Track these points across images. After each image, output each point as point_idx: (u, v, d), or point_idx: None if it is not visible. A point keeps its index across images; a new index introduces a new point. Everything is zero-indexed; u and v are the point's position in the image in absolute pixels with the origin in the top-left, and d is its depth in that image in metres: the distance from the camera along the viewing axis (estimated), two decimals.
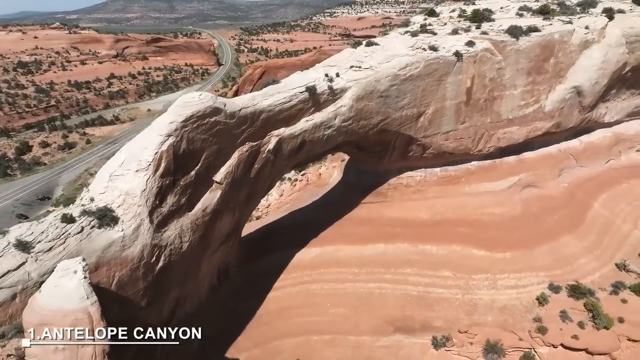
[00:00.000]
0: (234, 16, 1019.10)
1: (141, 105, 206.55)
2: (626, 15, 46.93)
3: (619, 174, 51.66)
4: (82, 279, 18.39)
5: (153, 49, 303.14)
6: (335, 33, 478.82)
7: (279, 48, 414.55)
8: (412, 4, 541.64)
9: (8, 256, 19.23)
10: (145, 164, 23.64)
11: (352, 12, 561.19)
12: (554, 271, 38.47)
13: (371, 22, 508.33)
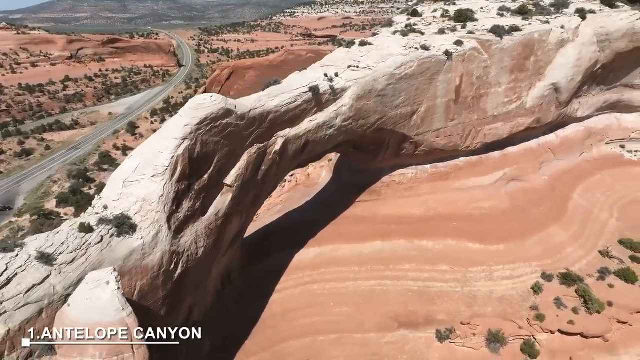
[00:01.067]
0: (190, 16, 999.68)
1: (101, 108, 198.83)
2: (597, 15, 49.56)
3: (592, 166, 54.56)
4: (116, 290, 17.65)
5: (110, 50, 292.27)
6: (297, 33, 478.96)
7: (241, 48, 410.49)
8: (372, 5, 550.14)
9: (31, 270, 18.12)
10: (162, 168, 22.88)
11: (312, 12, 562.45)
12: (545, 261, 40.13)
13: (331, 22, 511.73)
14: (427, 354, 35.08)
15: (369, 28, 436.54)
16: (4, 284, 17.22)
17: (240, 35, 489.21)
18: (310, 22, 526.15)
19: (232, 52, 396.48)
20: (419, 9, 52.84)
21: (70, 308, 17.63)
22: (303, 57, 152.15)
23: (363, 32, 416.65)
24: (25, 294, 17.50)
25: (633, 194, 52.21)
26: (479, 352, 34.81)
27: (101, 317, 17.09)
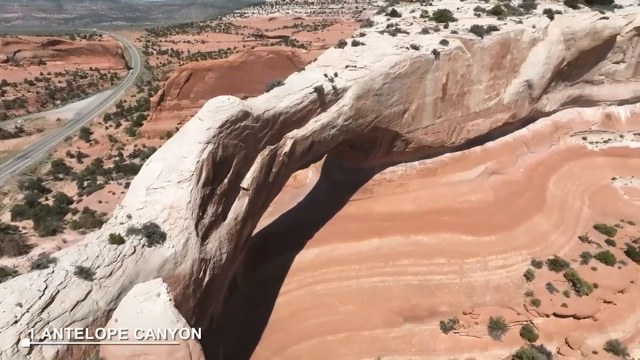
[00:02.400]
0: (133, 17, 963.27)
1: (47, 114, 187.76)
2: (563, 15, 52.65)
3: (561, 157, 57.92)
4: (168, 302, 16.99)
5: (51, 52, 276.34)
6: (248, 34, 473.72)
7: (191, 50, 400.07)
8: (322, 5, 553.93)
9: (73, 286, 16.99)
10: (188, 174, 22.14)
11: (262, 13, 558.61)
12: (533, 248, 42.24)
13: (282, 22, 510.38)
14: (433, 346, 36.06)
15: (320, 28, 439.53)
16: (48, 302, 16.06)
17: (190, 36, 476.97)
18: (261, 23, 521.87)
19: (182, 54, 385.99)
20: (397, 9, 53.89)
21: (118, 323, 16.75)
22: (264, 57, 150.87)
23: (315, 33, 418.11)
24: (70, 311, 16.42)
25: (598, 182, 56.09)
26: (482, 339, 36.18)
27: (157, 331, 16.33)
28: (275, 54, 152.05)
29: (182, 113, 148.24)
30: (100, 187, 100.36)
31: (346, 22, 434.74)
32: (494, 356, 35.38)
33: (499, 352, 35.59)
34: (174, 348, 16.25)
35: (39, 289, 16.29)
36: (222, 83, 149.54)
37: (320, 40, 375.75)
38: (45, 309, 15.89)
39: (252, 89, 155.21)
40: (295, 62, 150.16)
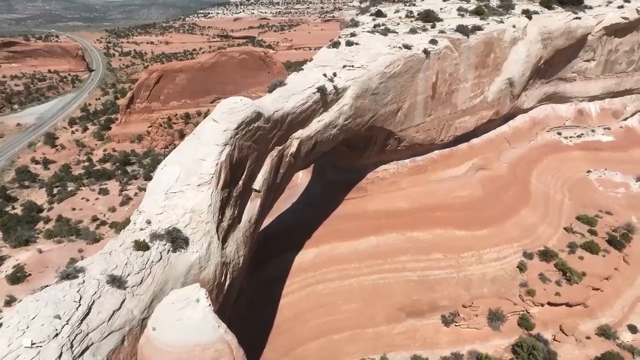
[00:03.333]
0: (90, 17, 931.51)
1: (5, 119, 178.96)
2: (540, 16, 54.64)
3: (539, 152, 60.09)
4: (207, 307, 16.66)
5: (5, 54, 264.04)
6: (213, 34, 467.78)
7: (155, 51, 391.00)
8: (287, 6, 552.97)
9: (107, 295, 16.40)
10: (208, 176, 21.74)
11: (227, 13, 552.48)
12: (523, 241, 43.68)
13: (248, 22, 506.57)
14: (436, 339, 36.81)
15: (287, 28, 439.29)
16: (86, 313, 15.47)
17: (153, 37, 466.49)
18: (226, 23, 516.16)
19: (146, 55, 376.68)
20: (382, 10, 54.53)
21: (157, 332, 16.32)
22: (236, 58, 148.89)
23: (282, 33, 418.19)
24: (108, 322, 15.88)
25: (575, 175, 58.53)
26: (482, 331, 37.22)
27: (199, 337, 16.03)
28: (248, 55, 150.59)
29: (153, 116, 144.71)
30: (72, 193, 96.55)
31: (312, 23, 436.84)
32: (495, 346, 36.44)
33: (499, 342, 36.70)
34: (218, 354, 15.95)
35: (74, 300, 15.69)
36: (194, 84, 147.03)
37: (288, 41, 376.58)
38: (84, 320, 15.34)
39: (225, 90, 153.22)
40: (268, 63, 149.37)
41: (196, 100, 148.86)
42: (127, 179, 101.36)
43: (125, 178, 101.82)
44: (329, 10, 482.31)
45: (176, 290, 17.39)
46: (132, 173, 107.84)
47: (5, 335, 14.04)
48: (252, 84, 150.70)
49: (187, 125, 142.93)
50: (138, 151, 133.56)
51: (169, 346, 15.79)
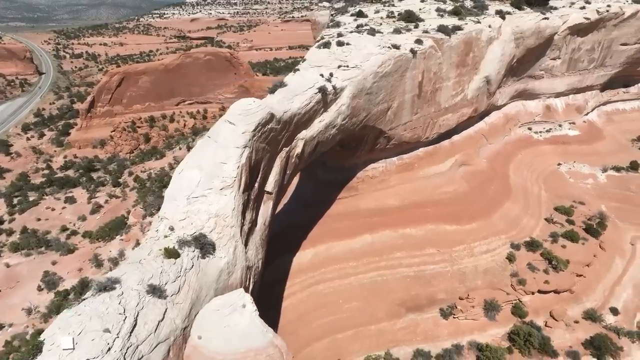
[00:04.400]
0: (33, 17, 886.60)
1: None
2: (513, 16, 56.92)
3: (513, 147, 62.52)
4: (254, 312, 16.46)
5: None
6: (170, 35, 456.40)
7: (109, 53, 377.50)
8: (245, 6, 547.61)
9: (149, 305, 15.82)
10: (230, 180, 21.37)
11: (184, 14, 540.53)
12: (510, 233, 45.36)
13: (206, 23, 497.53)
14: (437, 332, 37.65)
15: (246, 29, 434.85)
16: (133, 325, 14.90)
17: (106, 38, 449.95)
18: (183, 24, 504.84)
19: (100, 57, 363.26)
20: (364, 10, 55.14)
21: (204, 340, 15.95)
22: (201, 59, 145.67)
23: (242, 34, 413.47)
24: (154, 333, 15.36)
25: (547, 168, 61.32)
26: (480, 321, 38.40)
27: (250, 343, 15.82)
28: (213, 56, 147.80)
29: (116, 120, 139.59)
30: (34, 203, 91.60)
31: (272, 23, 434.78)
32: (492, 336, 37.67)
33: (495, 331, 37.97)
34: (270, 359, 15.75)
35: (119, 312, 15.09)
36: (158, 87, 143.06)
37: (248, 41, 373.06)
38: (132, 333, 14.76)
39: (190, 93, 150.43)
40: (235, 64, 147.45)
41: (161, 102, 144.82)
42: (94, 186, 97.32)
43: (92, 185, 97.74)
44: (288, 10, 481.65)
45: (219, 297, 17.00)
46: (98, 180, 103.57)
47: (55, 354, 13.34)
48: (218, 86, 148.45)
49: (153, 129, 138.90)
50: (102, 157, 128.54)
51: (219, 354, 15.47)
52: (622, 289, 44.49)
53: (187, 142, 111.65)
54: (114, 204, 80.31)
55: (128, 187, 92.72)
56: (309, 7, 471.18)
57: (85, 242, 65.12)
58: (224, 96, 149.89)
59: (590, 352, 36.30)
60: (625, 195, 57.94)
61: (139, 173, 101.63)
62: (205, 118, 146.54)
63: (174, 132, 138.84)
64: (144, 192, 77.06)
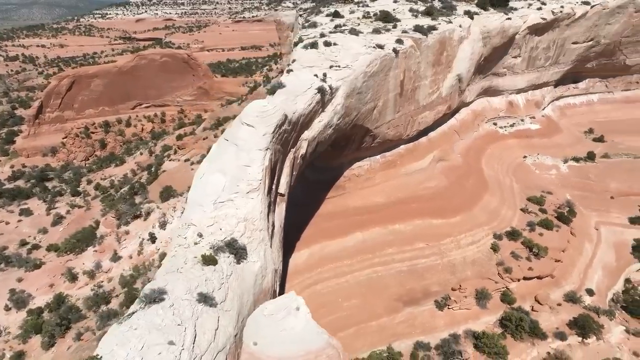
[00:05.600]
0: None
1: None
2: (480, 16, 59.37)
3: (482, 142, 65.23)
4: (308, 314, 16.40)
5: None
6: (115, 36, 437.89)
7: (48, 55, 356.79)
8: (193, 6, 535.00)
9: (203, 315, 15.36)
10: (256, 183, 21.10)
11: (128, 14, 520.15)
12: (491, 224, 47.35)
13: (152, 24, 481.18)
14: (434, 324, 38.74)
15: (196, 30, 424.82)
16: (194, 335, 14.47)
17: (44, 39, 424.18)
18: (128, 24, 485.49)
19: (38, 60, 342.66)
20: (339, 11, 55.56)
21: (261, 346, 15.74)
22: (157, 61, 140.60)
23: (192, 34, 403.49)
24: (214, 342, 14.98)
25: (514, 161, 64.49)
26: (473, 310, 39.89)
27: (309, 345, 15.76)
28: (170, 57, 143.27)
29: (67, 126, 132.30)
30: None
31: (223, 23, 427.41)
32: (485, 323, 39.24)
33: (488, 319, 39.57)
34: (331, 358, 15.76)
35: (177, 324, 14.64)
36: (112, 90, 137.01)
37: (199, 42, 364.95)
38: (194, 343, 14.33)
39: (147, 96, 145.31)
40: (193, 65, 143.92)
41: (115, 106, 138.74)
42: (50, 196, 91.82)
43: (49, 195, 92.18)
44: (239, 11, 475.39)
45: (271, 301, 16.79)
46: (54, 190, 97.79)
47: None
48: (176, 88, 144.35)
49: (108, 134, 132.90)
50: (54, 165, 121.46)
51: (279, 358, 15.28)
52: (594, 271, 47.65)
53: (149, 147, 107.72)
54: (77, 214, 76.19)
55: (89, 195, 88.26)
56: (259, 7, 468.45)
57: (52, 255, 61.32)
58: (183, 99, 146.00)
59: (575, 332, 38.60)
60: (585, 183, 61.98)
61: (99, 180, 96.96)
62: (163, 121, 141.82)
63: (131, 137, 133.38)
64: (111, 200, 73.58)
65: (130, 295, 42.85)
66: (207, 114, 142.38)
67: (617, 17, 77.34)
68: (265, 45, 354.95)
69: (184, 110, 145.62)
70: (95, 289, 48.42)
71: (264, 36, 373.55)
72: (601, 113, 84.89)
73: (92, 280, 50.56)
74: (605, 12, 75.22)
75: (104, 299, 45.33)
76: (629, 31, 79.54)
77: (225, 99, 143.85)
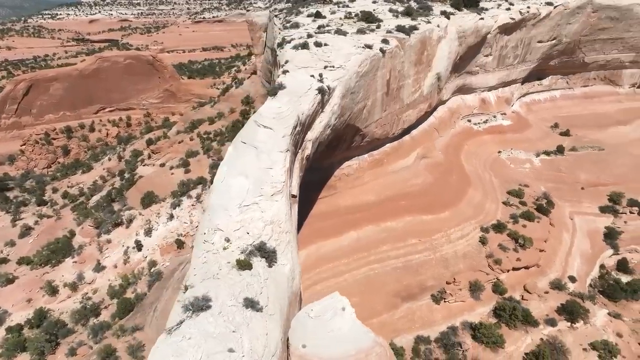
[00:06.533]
0: None
1: None
2: (456, 16, 61.03)
3: (459, 139, 67.12)
4: (353, 313, 16.50)
5: None
6: (67, 38, 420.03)
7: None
8: (150, 6, 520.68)
9: (253, 321, 15.11)
10: (280, 185, 20.96)
11: (80, 14, 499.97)
12: (478, 217, 48.83)
13: (107, 25, 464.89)
14: (432, 318, 39.64)
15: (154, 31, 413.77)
16: (251, 340, 14.26)
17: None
18: (81, 25, 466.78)
19: None
20: (320, 11, 55.66)
21: (311, 348, 15.71)
22: (121, 63, 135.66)
23: (150, 35, 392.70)
24: (266, 347, 14.81)
25: (490, 156, 66.71)
26: (467, 302, 41.09)
27: (358, 344, 15.88)
28: (134, 59, 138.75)
29: (25, 132, 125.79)
30: None
31: (183, 24, 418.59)
32: (480, 314, 40.50)
33: (482, 309, 40.86)
34: (378, 357, 15.91)
35: (231, 330, 14.38)
36: (73, 94, 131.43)
37: (159, 44, 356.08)
38: (252, 349, 14.13)
39: (110, 99, 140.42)
40: (158, 67, 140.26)
41: (77, 111, 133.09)
42: (14, 206, 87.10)
43: (12, 206, 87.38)
44: (198, 11, 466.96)
45: (314, 303, 16.74)
46: (17, 200, 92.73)
47: None
48: (141, 91, 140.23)
49: (71, 140, 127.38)
50: (13, 174, 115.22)
51: (331, 359, 15.29)
52: (573, 259, 50.05)
53: (117, 152, 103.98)
54: (47, 225, 72.59)
55: (57, 204, 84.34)
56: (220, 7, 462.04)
57: (24, 269, 58.13)
58: (149, 101, 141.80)
59: (564, 318, 40.41)
60: (557, 175, 64.92)
61: (66, 189, 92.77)
62: (129, 125, 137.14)
63: (96, 143, 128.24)
64: (84, 209, 70.51)
65: (123, 305, 41.32)
66: (175, 116, 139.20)
67: (576, 17, 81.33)
68: (227, 46, 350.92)
69: (150, 114, 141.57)
70: (84, 301, 46.28)
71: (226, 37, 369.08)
72: (564, 108, 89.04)
73: (75, 293, 48.35)
74: (567, 12, 78.93)
75: (93, 311, 43.49)
76: (587, 30, 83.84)
77: (193, 101, 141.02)
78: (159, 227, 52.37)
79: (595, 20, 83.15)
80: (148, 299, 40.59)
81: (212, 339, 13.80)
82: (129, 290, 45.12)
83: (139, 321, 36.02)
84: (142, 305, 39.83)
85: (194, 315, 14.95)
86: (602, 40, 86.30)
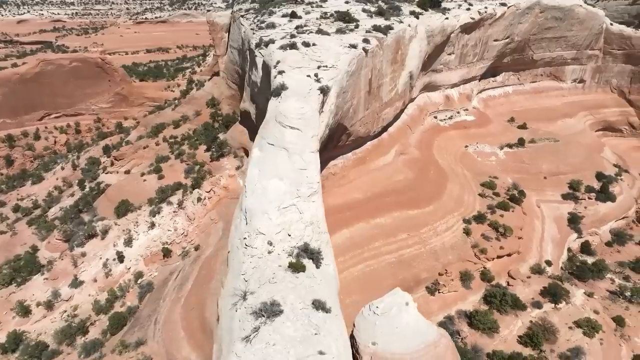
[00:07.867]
0: None
1: None
2: (424, 16, 62.95)
3: (429, 135, 69.28)
4: (416, 307, 16.84)
5: None
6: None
7: None
8: (85, 6, 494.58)
9: (327, 321, 14.99)
10: (316, 185, 20.90)
11: (7, 14, 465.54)
12: (459, 210, 50.72)
13: (37, 25, 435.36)
14: (429, 309, 40.71)
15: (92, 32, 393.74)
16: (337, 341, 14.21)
17: None
18: (8, 26, 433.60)
19: None
20: (296, 11, 55.38)
21: (382, 344, 15.97)
22: (66, 66, 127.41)
23: (89, 37, 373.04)
24: (345, 346, 14.80)
25: (459, 150, 69.41)
26: (460, 292, 42.75)
27: (425, 337, 16.35)
28: (81, 62, 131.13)
29: None
30: None
31: (123, 25, 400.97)
32: (472, 302, 42.25)
33: (474, 298, 42.65)
34: (444, 347, 16.31)
35: (314, 333, 14.28)
36: (12, 100, 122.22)
37: (98, 45, 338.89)
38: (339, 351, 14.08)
39: (56, 105, 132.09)
40: (108, 70, 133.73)
41: (19, 118, 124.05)
42: None
43: None
44: (139, 11, 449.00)
45: (379, 300, 16.92)
46: None
47: None
48: (90, 95, 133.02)
49: (14, 150, 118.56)
50: None
51: (404, 354, 15.62)
52: (547, 244, 53.25)
53: (70, 160, 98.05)
54: (1, 241, 67.35)
55: (8, 219, 78.38)
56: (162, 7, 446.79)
57: None
58: (99, 106, 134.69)
59: (548, 300, 42.88)
60: (521, 167, 68.54)
61: (16, 201, 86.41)
62: (79, 132, 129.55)
63: (43, 151, 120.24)
64: (44, 222, 65.81)
65: (116, 320, 39.10)
66: (127, 121, 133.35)
67: (526, 17, 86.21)
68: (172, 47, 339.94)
69: (101, 119, 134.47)
70: (69, 319, 43.13)
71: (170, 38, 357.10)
72: (517, 103, 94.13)
73: (51, 312, 45.10)
74: (518, 12, 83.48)
75: (80, 329, 40.78)
76: (535, 29, 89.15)
77: (147, 105, 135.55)
78: (139, 236, 50.08)
79: (542, 20, 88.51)
80: (143, 311, 38.73)
81: (298, 343, 13.62)
82: (117, 304, 42.79)
83: (139, 335, 34.30)
84: (137, 318, 37.96)
85: (269, 321, 14.64)
86: (548, 38, 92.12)
